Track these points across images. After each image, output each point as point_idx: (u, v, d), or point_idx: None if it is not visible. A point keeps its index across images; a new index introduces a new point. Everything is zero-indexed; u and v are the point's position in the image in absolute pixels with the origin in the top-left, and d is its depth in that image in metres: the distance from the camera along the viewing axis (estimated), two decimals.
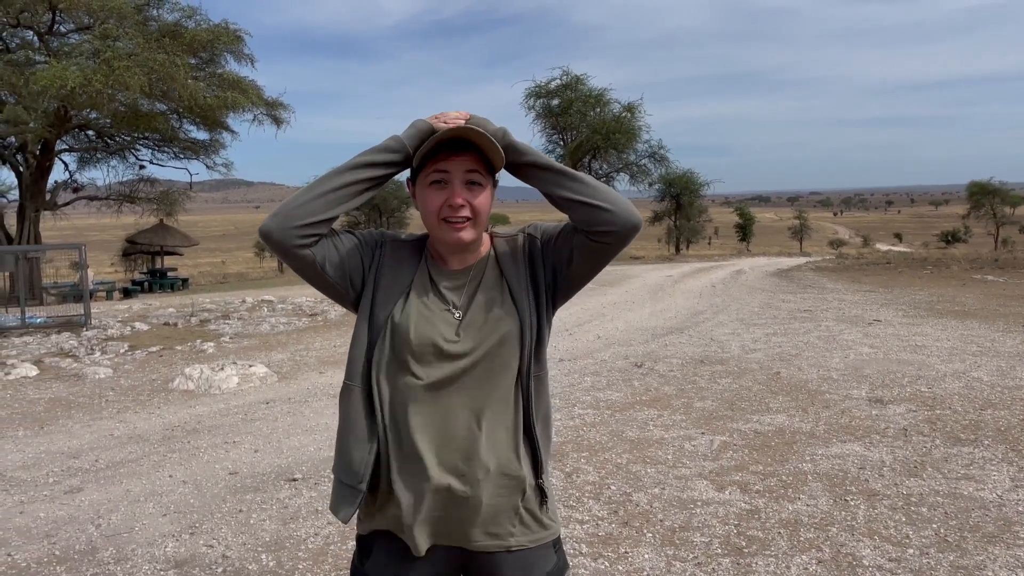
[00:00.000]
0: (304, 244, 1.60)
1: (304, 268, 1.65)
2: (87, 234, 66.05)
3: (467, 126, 1.57)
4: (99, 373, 8.48)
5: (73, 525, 4.21)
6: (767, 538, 3.78)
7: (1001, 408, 6.03)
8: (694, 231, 50.72)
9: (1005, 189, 60.71)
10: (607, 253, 1.63)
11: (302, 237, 1.60)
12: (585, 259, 1.64)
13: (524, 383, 1.64)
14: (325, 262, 1.64)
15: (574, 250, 1.63)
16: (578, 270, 1.66)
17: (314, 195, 1.60)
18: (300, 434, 5.96)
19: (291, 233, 1.59)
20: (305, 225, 1.59)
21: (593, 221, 1.58)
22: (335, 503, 1.68)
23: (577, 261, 1.64)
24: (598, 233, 1.59)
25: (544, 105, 34.10)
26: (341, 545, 3.84)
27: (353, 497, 1.63)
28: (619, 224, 1.58)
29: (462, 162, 1.60)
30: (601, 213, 1.57)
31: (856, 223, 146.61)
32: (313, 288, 1.73)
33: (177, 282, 26.38)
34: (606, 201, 1.58)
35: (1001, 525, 3.87)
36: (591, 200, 1.58)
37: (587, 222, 1.59)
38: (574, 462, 5.02)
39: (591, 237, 1.60)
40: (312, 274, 1.66)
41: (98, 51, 17.05)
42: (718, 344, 9.41)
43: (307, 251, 1.61)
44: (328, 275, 1.66)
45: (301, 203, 1.60)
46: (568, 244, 1.64)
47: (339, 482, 1.68)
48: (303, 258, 1.62)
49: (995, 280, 16.04)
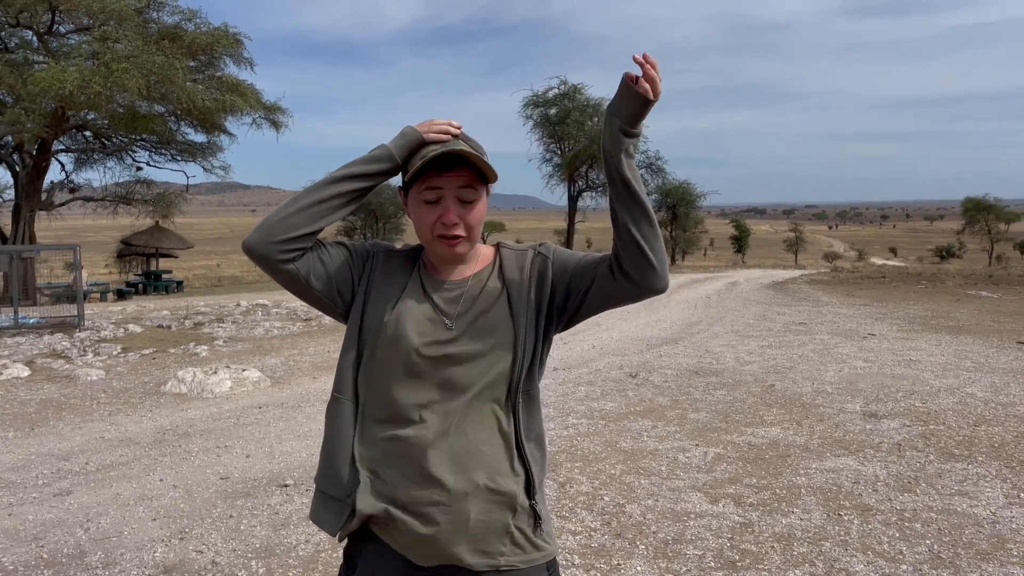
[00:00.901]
0: (287, 259, 1.58)
1: (289, 282, 1.62)
2: (82, 235, 65.88)
3: (459, 149, 1.55)
4: (91, 375, 8.44)
5: (62, 528, 4.17)
6: (760, 552, 3.77)
7: (995, 424, 6.03)
8: (690, 242, 50.86)
9: (1000, 206, 61.01)
10: (622, 299, 1.61)
11: (285, 252, 1.57)
12: (600, 295, 1.61)
13: (514, 398, 1.61)
14: (310, 275, 1.61)
15: (594, 282, 1.60)
16: (590, 303, 1.63)
17: (296, 208, 1.58)
18: (292, 440, 5.93)
19: (273, 248, 1.56)
20: (287, 240, 1.57)
21: (635, 265, 1.55)
22: (319, 516, 1.65)
23: (593, 294, 1.61)
24: (628, 277, 1.56)
25: (542, 114, 34.16)
26: (332, 553, 3.81)
27: (341, 510, 1.61)
28: (651, 285, 1.56)
29: (454, 179, 1.58)
30: (647, 265, 1.55)
31: (851, 237, 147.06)
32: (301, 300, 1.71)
33: (172, 284, 26.29)
34: (657, 258, 1.55)
35: (995, 542, 3.86)
36: (647, 250, 1.54)
37: (630, 263, 1.55)
38: (567, 472, 5.00)
39: (617, 276, 1.57)
40: (297, 288, 1.64)
41: (97, 53, 17.03)
42: (713, 356, 9.40)
43: (291, 265, 1.59)
44: (314, 288, 1.63)
45: (283, 217, 1.57)
46: (590, 275, 1.61)
47: (323, 494, 1.65)
48: (287, 272, 1.60)
49: (989, 296, 16.08)
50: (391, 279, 1.67)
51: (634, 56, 1.47)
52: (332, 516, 1.63)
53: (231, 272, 48.43)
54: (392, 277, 1.67)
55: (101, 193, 22.82)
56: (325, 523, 1.64)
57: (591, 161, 32.89)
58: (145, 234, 27.84)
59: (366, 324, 1.63)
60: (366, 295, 1.65)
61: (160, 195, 23.78)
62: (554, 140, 34.52)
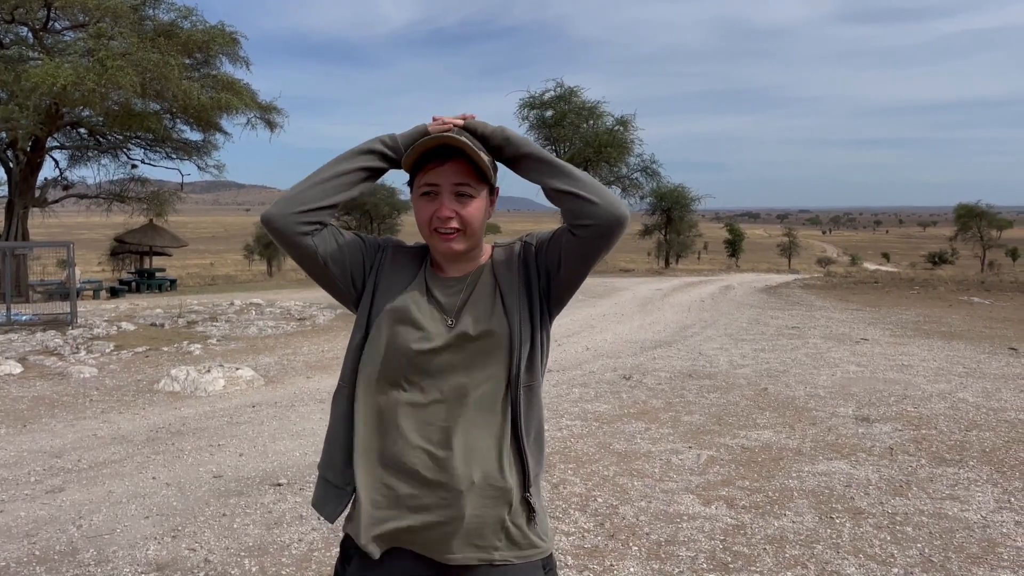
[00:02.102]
0: (305, 231, 1.64)
1: (305, 258, 1.67)
2: (76, 232, 65.68)
3: (448, 134, 1.57)
4: (84, 372, 8.41)
5: (54, 525, 4.16)
6: (753, 554, 3.78)
7: (986, 430, 6.07)
8: (684, 245, 50.87)
9: (992, 212, 61.20)
10: (592, 250, 1.61)
11: (303, 224, 1.63)
12: (572, 259, 1.63)
13: (513, 393, 1.62)
14: (327, 255, 1.67)
15: (562, 251, 1.63)
16: (567, 274, 1.65)
17: (314, 182, 1.65)
18: (286, 439, 5.92)
19: (292, 219, 1.63)
20: (306, 211, 1.63)
21: (578, 212, 1.58)
22: (319, 501, 1.70)
23: (565, 262, 1.63)
24: (582, 227, 1.58)
25: (538, 116, 34.16)
26: (325, 552, 3.81)
27: (340, 498, 1.66)
28: (603, 217, 1.57)
29: (451, 173, 1.60)
30: (586, 205, 1.57)
31: (844, 242, 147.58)
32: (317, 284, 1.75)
33: (165, 283, 26.22)
34: (592, 193, 1.58)
35: (985, 546, 3.88)
36: (578, 191, 1.58)
37: (573, 213, 1.59)
38: (561, 473, 5.01)
39: (575, 231, 1.60)
40: (315, 267, 1.68)
41: (92, 50, 16.99)
42: (706, 359, 9.43)
43: (308, 239, 1.64)
44: (330, 268, 1.68)
45: (301, 190, 1.65)
46: (558, 247, 1.64)
47: (325, 480, 1.70)
48: (305, 247, 1.65)
49: (981, 302, 16.15)
50: (399, 274, 1.70)
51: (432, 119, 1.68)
52: (331, 503, 1.68)
53: (225, 271, 48.33)
54: (400, 272, 1.70)
55: (95, 190, 22.76)
56: (324, 509, 1.69)
57: (587, 163, 32.91)
58: (139, 232, 27.77)
59: (371, 317, 1.66)
60: (375, 287, 1.69)
61: (154, 193, 23.73)
62: (550, 142, 34.51)
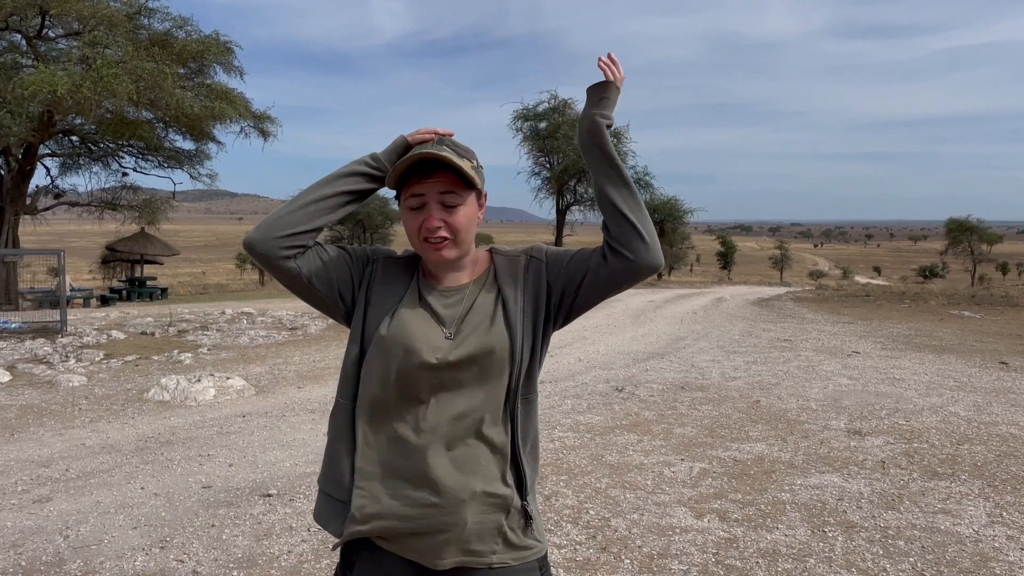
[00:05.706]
0: (288, 256, 1.62)
1: (290, 281, 1.66)
2: (67, 240, 65.37)
3: (427, 151, 1.57)
4: (73, 381, 8.35)
5: (41, 535, 4.11)
6: (745, 567, 3.77)
7: (978, 443, 6.07)
8: (676, 257, 50.97)
9: (983, 227, 61.58)
10: (618, 282, 1.63)
11: (285, 248, 1.62)
12: (596, 284, 1.64)
13: (512, 404, 1.63)
14: (312, 276, 1.65)
15: (588, 273, 1.63)
16: (586, 295, 1.66)
17: (297, 206, 1.63)
18: (276, 449, 5.88)
19: (274, 244, 1.61)
20: (288, 236, 1.61)
21: (624, 241, 1.59)
22: (324, 517, 1.68)
23: (588, 286, 1.64)
24: (620, 256, 1.59)
25: (531, 128, 34.24)
26: (315, 563, 3.78)
27: (344, 512, 1.64)
28: (644, 260, 1.60)
29: (435, 183, 1.60)
30: (635, 238, 1.59)
31: (836, 255, 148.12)
32: (304, 303, 1.74)
33: (156, 291, 26.13)
34: (646, 231, 1.60)
35: (977, 560, 3.88)
36: (634, 221, 1.60)
37: (619, 239, 1.60)
38: (553, 485, 4.99)
39: (610, 256, 1.60)
40: (300, 288, 1.67)
41: (86, 58, 16.96)
42: (699, 371, 9.43)
43: (292, 263, 1.63)
44: (317, 289, 1.66)
45: (284, 214, 1.63)
46: (583, 268, 1.64)
47: (327, 496, 1.68)
48: (288, 270, 1.63)
49: (972, 316, 16.22)
50: (391, 286, 1.69)
51: (599, 59, 1.71)
52: (335, 517, 1.66)
53: (216, 280, 48.18)
54: (392, 284, 1.69)
55: (87, 198, 22.68)
56: (328, 523, 1.67)
57: (580, 175, 32.98)
58: (130, 240, 27.68)
59: (366, 331, 1.65)
60: (367, 301, 1.68)
61: (146, 201, 23.63)
62: (543, 154, 34.58)
